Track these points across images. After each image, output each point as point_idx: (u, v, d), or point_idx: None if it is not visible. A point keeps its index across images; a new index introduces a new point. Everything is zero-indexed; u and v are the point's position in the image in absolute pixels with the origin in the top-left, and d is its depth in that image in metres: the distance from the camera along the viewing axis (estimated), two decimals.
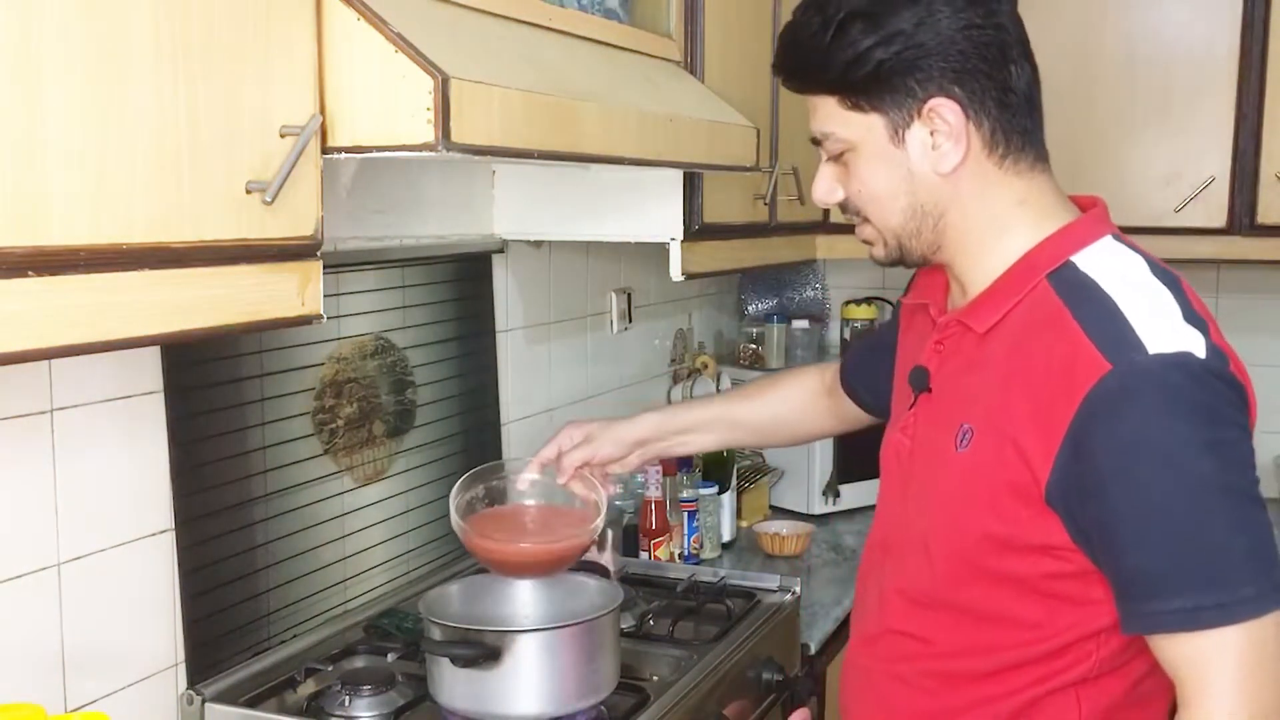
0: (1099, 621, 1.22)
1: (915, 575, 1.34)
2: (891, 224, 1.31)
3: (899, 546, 1.38)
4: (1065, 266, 1.25)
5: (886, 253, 1.34)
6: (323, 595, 1.88)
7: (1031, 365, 1.20)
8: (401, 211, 2.00)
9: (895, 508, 1.40)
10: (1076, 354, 1.16)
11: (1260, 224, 2.78)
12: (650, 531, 2.44)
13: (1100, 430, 1.13)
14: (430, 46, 1.24)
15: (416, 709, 1.65)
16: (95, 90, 1.02)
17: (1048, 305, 1.23)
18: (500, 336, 2.30)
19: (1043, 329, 1.21)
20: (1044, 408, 1.17)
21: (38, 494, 1.45)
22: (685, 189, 2.06)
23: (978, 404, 1.25)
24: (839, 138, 1.29)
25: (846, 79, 1.25)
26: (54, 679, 1.47)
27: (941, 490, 1.29)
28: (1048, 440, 1.16)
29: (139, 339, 1.09)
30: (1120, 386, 1.13)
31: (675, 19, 2.03)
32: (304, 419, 1.84)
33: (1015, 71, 1.25)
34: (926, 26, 1.22)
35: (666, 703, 1.69)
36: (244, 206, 1.17)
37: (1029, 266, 1.27)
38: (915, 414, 1.37)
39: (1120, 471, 1.13)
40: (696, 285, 3.13)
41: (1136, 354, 1.14)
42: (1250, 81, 2.77)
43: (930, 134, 1.25)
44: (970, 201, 1.28)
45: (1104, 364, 1.14)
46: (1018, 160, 1.28)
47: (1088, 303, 1.20)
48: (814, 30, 1.26)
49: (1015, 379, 1.21)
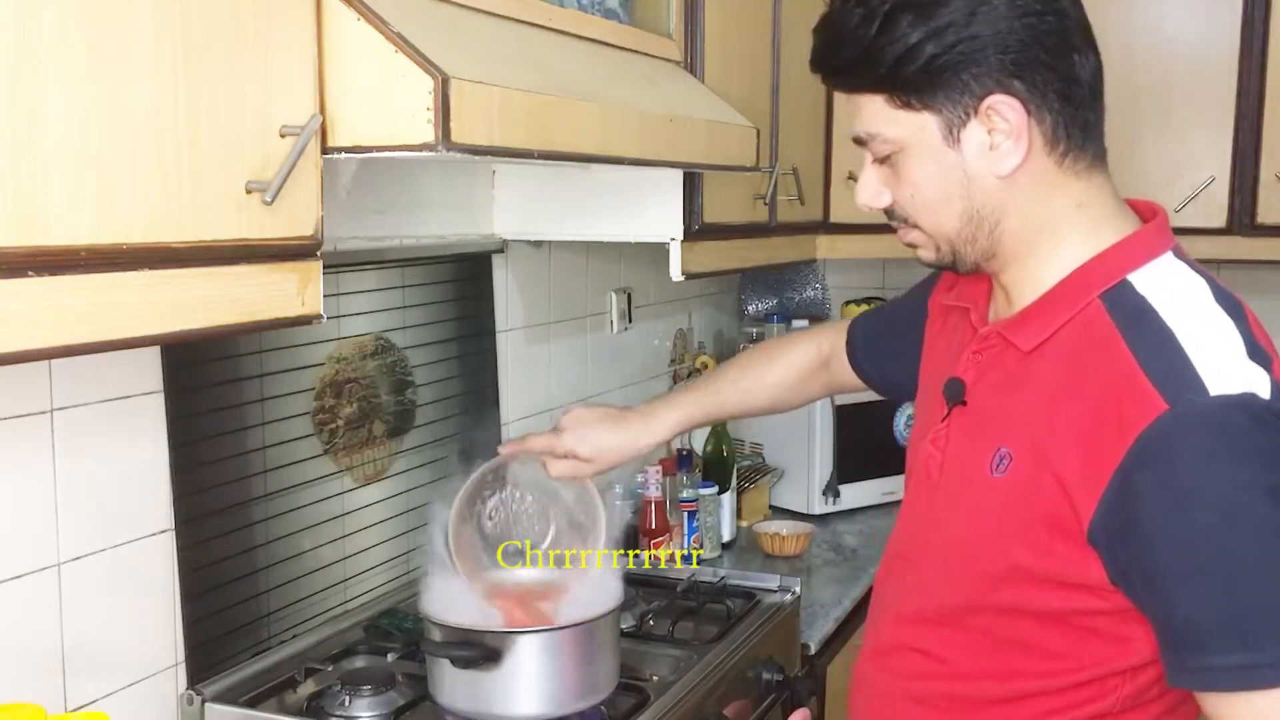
0: (1129, 659, 1.15)
1: (936, 592, 1.27)
2: (945, 230, 1.21)
3: (920, 561, 1.31)
4: (1121, 286, 1.16)
5: (938, 258, 1.25)
6: (323, 595, 1.88)
7: (1080, 394, 1.12)
8: (401, 211, 2.00)
9: (920, 521, 1.33)
10: (1130, 389, 1.08)
11: (1260, 224, 2.78)
12: (650, 531, 2.44)
13: (1153, 474, 1.05)
14: (430, 46, 1.24)
15: (416, 709, 1.65)
16: (95, 90, 1.02)
17: (1100, 329, 1.14)
18: (500, 336, 2.30)
19: (1094, 355, 1.13)
20: (1091, 442, 1.09)
21: (38, 494, 1.45)
22: (685, 189, 2.06)
23: (1018, 428, 1.17)
24: (887, 138, 1.19)
25: (896, 76, 1.15)
26: (54, 679, 1.47)
27: (972, 513, 1.22)
28: (1094, 477, 1.09)
29: (139, 339, 1.09)
30: (1177, 429, 1.05)
31: (675, 19, 2.03)
32: (304, 419, 1.84)
33: (1079, 60, 1.16)
34: (981, 16, 1.12)
35: (666, 703, 1.69)
36: (244, 206, 1.17)
37: (1082, 283, 1.18)
38: (948, 427, 1.29)
39: (1174, 518, 1.05)
40: (696, 285, 3.13)
41: (1196, 394, 1.05)
42: (1250, 81, 2.77)
43: (988, 133, 1.15)
44: (1028, 205, 1.18)
45: (1160, 403, 1.05)
46: (1078, 158, 1.19)
47: (1145, 331, 1.12)
48: (857, 23, 1.16)
49: (1061, 406, 1.13)
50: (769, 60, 2.42)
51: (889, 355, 1.59)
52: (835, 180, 2.81)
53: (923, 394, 1.42)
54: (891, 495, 3.03)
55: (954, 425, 1.28)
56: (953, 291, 1.38)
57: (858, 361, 1.70)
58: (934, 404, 1.33)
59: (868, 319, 1.73)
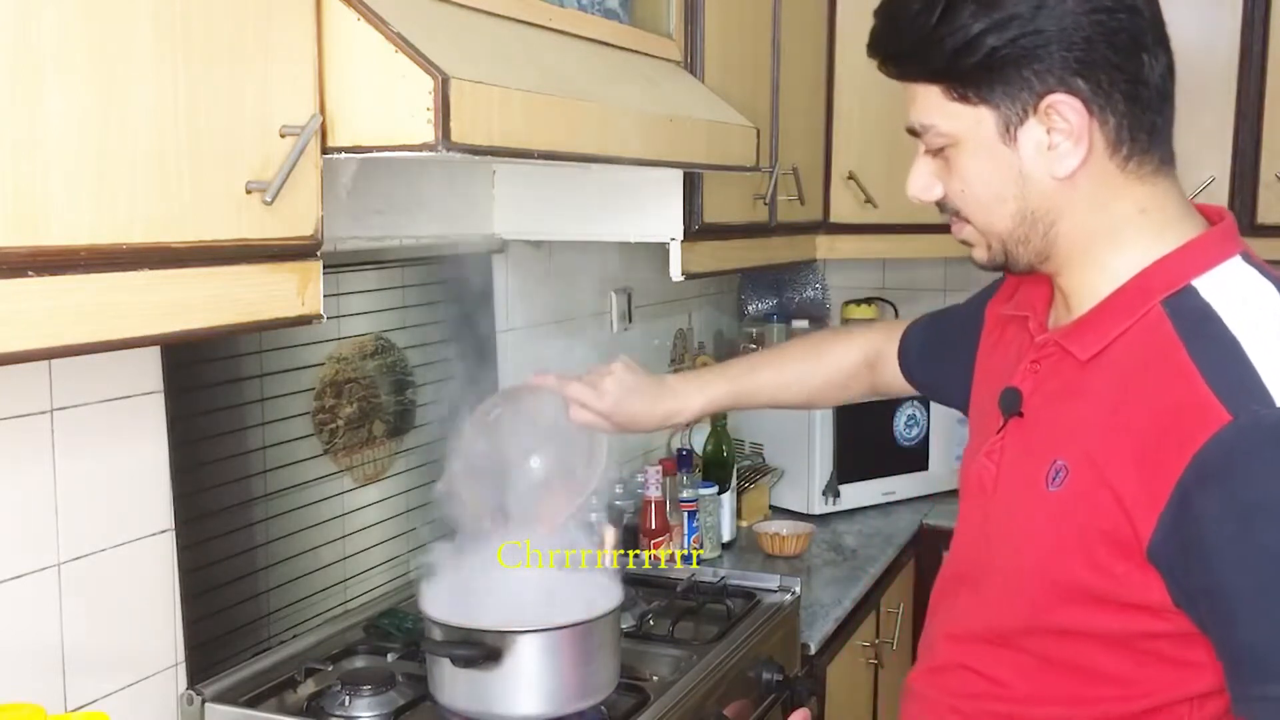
0: (1195, 685, 1.10)
1: (995, 613, 1.22)
2: (997, 229, 1.17)
3: (977, 580, 1.26)
4: (1185, 291, 1.11)
5: (990, 257, 1.20)
6: (323, 595, 1.88)
7: (1138, 405, 1.07)
8: (401, 211, 2.00)
9: (975, 538, 1.27)
10: (1190, 399, 1.03)
11: (1260, 224, 2.78)
12: (650, 531, 2.44)
13: (1214, 490, 1.00)
14: (430, 46, 1.24)
15: (416, 709, 1.65)
16: (95, 90, 1.02)
17: (1161, 337, 1.09)
18: (500, 336, 2.30)
19: (1154, 365, 1.08)
20: (1150, 456, 1.04)
21: (38, 494, 1.45)
22: (685, 189, 2.06)
23: (1075, 440, 1.12)
24: (941, 131, 1.15)
25: (954, 67, 1.11)
26: (54, 679, 1.47)
27: (1029, 529, 1.17)
28: (1153, 493, 1.03)
29: (139, 339, 1.09)
30: (1240, 442, 1.00)
31: (675, 19, 2.03)
32: (304, 419, 1.84)
33: (1149, 61, 1.12)
34: (1047, 10, 1.07)
35: (666, 703, 1.69)
36: (244, 206, 1.17)
37: (1143, 288, 1.13)
38: (1004, 439, 1.23)
39: (1236, 537, 1.00)
40: (696, 285, 3.13)
41: (1261, 406, 1.00)
42: (1250, 81, 2.77)
43: (1047, 132, 1.11)
44: (1087, 208, 1.14)
45: (1223, 414, 1.00)
46: (1142, 162, 1.15)
47: (1207, 339, 1.06)
48: (917, 10, 1.11)
49: (1119, 418, 1.08)
50: (769, 60, 2.42)
51: (942, 362, 1.54)
52: (835, 180, 2.81)
53: (976, 408, 1.36)
54: (891, 495, 3.03)
55: (1010, 437, 1.23)
56: (1012, 300, 1.33)
57: (909, 366, 1.65)
58: (989, 417, 1.28)
59: (924, 325, 1.66)
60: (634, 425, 1.70)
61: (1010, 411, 1.23)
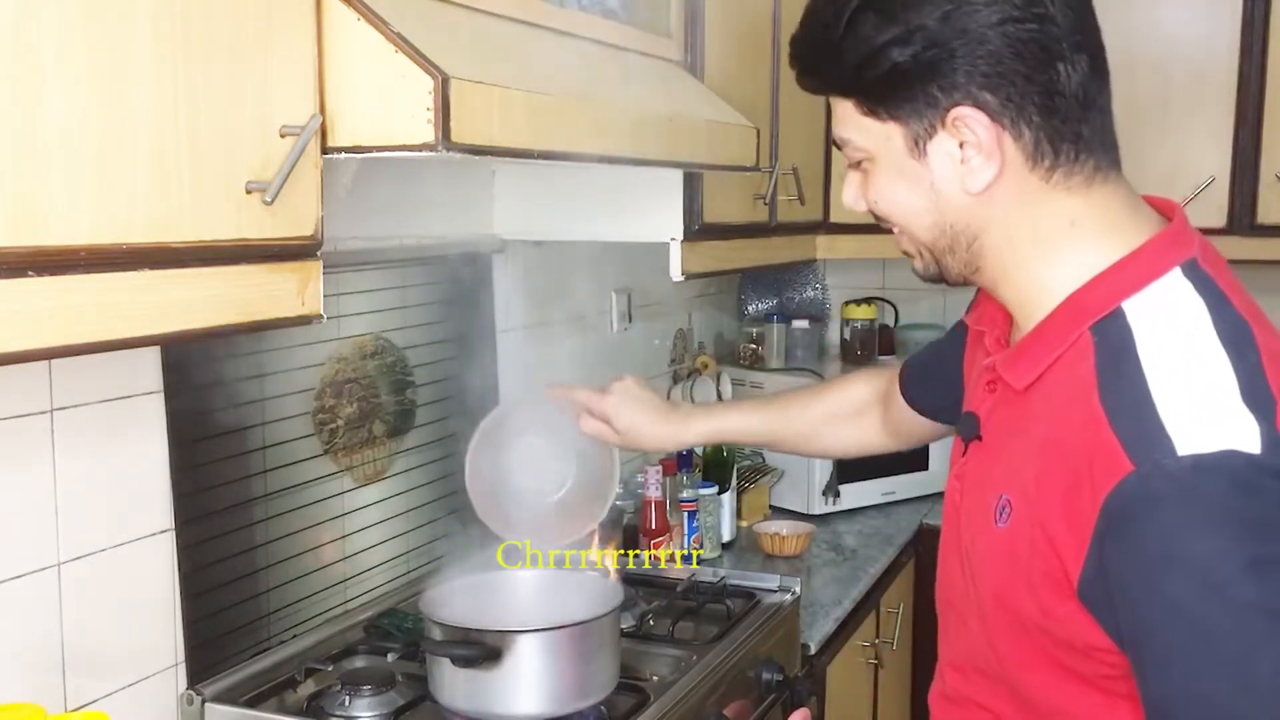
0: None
1: (976, 643, 1.18)
2: (922, 239, 1.15)
3: (960, 608, 1.22)
4: (1114, 316, 1.05)
5: (924, 267, 1.18)
6: (323, 595, 1.88)
7: (1060, 446, 1.03)
8: (401, 211, 2.00)
9: (952, 563, 1.23)
10: (1099, 445, 0.98)
11: (1260, 224, 2.79)
12: (650, 531, 2.44)
13: (1122, 541, 0.97)
14: (430, 46, 1.24)
15: (416, 709, 1.65)
16: (95, 90, 1.02)
17: (1083, 373, 1.04)
18: (500, 336, 2.30)
19: (1075, 404, 1.03)
20: (1072, 498, 1.00)
21: (38, 494, 1.45)
22: (685, 189, 2.06)
23: (1016, 476, 1.08)
24: (856, 145, 1.13)
25: (859, 81, 1.08)
26: (54, 679, 1.47)
27: (984, 564, 1.14)
28: (1078, 535, 1.00)
29: (139, 339, 1.09)
30: (1143, 494, 0.95)
31: (675, 19, 2.03)
32: (304, 419, 1.84)
33: (1065, 70, 1.06)
34: (952, 21, 1.03)
35: (666, 703, 1.69)
36: (244, 206, 1.17)
37: (1074, 312, 1.08)
38: (966, 464, 1.21)
39: (1145, 590, 0.96)
40: (696, 285, 3.13)
41: (1163, 456, 0.95)
42: (1250, 81, 2.77)
43: (960, 146, 1.07)
44: (1010, 223, 1.10)
45: (1126, 464, 0.96)
46: (1070, 173, 1.09)
47: (1118, 378, 1.01)
48: (826, 23, 1.09)
49: (1047, 458, 1.04)
50: (769, 60, 2.42)
51: (937, 382, 1.51)
52: (835, 180, 2.81)
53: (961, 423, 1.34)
54: (891, 495, 3.03)
55: (971, 462, 1.21)
56: (974, 314, 1.30)
57: (910, 393, 1.62)
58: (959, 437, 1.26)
59: (923, 350, 1.64)
60: (637, 436, 1.74)
61: (971, 435, 1.20)
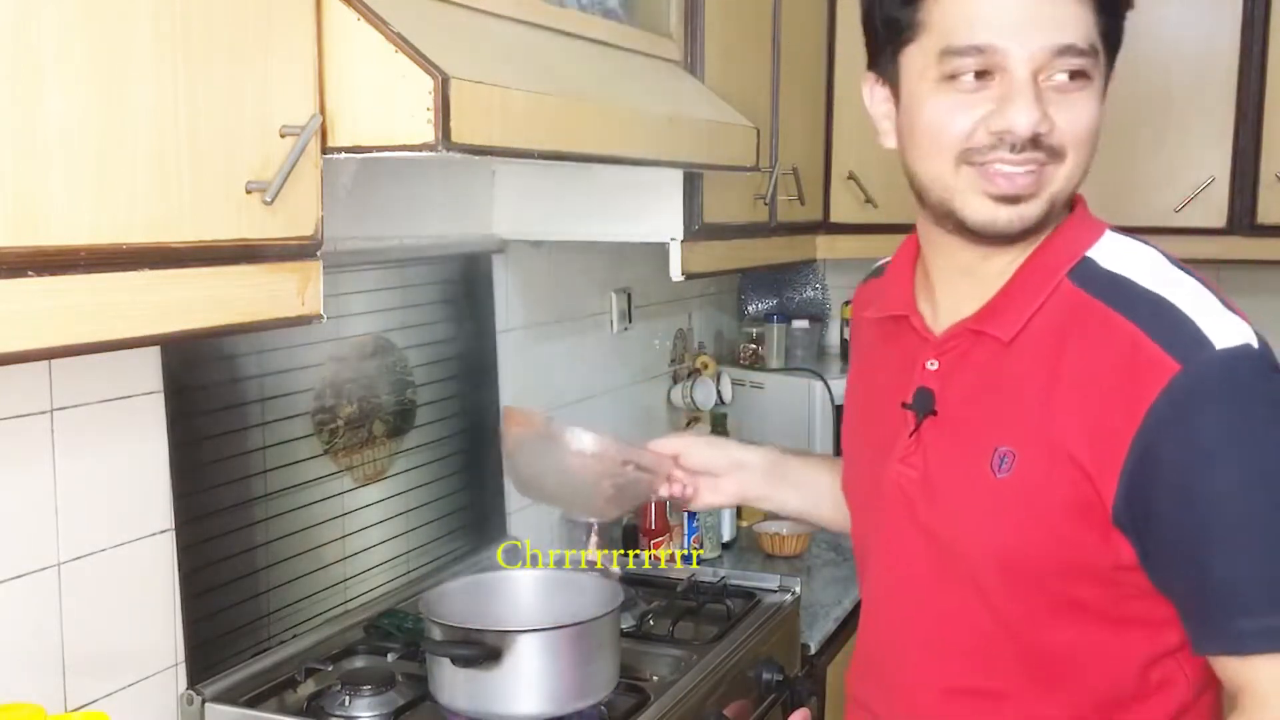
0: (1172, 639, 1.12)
1: (972, 620, 1.16)
2: (1078, 175, 1.11)
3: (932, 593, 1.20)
4: (1085, 263, 1.13)
5: (1042, 213, 1.11)
6: (323, 595, 1.88)
7: (1079, 373, 1.07)
8: (401, 211, 2.00)
9: (911, 551, 1.21)
10: (1136, 356, 1.04)
11: (1260, 224, 2.78)
12: (650, 531, 2.44)
13: (1176, 436, 1.02)
14: (430, 46, 1.24)
15: (416, 709, 1.65)
16: (95, 90, 1.02)
17: (1082, 306, 1.10)
18: (500, 336, 2.30)
19: (1085, 332, 1.08)
20: (1103, 420, 1.05)
21: (38, 494, 1.45)
22: (685, 189, 2.06)
23: (1015, 424, 1.11)
24: (1088, 58, 1.09)
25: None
26: (54, 679, 1.47)
27: (983, 521, 1.13)
28: (1111, 454, 1.04)
29: (139, 339, 1.09)
30: (1196, 387, 1.02)
31: (675, 19, 2.03)
32: (304, 419, 1.84)
33: None
34: None
35: (666, 703, 1.69)
36: (244, 206, 1.17)
37: (1045, 265, 1.13)
38: (919, 440, 1.20)
39: (1203, 479, 1.02)
40: (696, 285, 3.13)
41: (1205, 350, 1.03)
42: (1250, 81, 2.77)
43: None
44: None
45: (1172, 364, 1.02)
46: None
47: (1133, 299, 1.08)
48: None
49: (1060, 390, 1.08)
50: (769, 60, 2.42)
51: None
52: (835, 180, 2.81)
53: (867, 415, 1.31)
54: None
55: (928, 437, 1.19)
56: (878, 303, 1.30)
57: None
58: (887, 422, 1.24)
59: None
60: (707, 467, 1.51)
61: (926, 411, 1.19)
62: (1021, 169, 1.08)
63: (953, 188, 1.11)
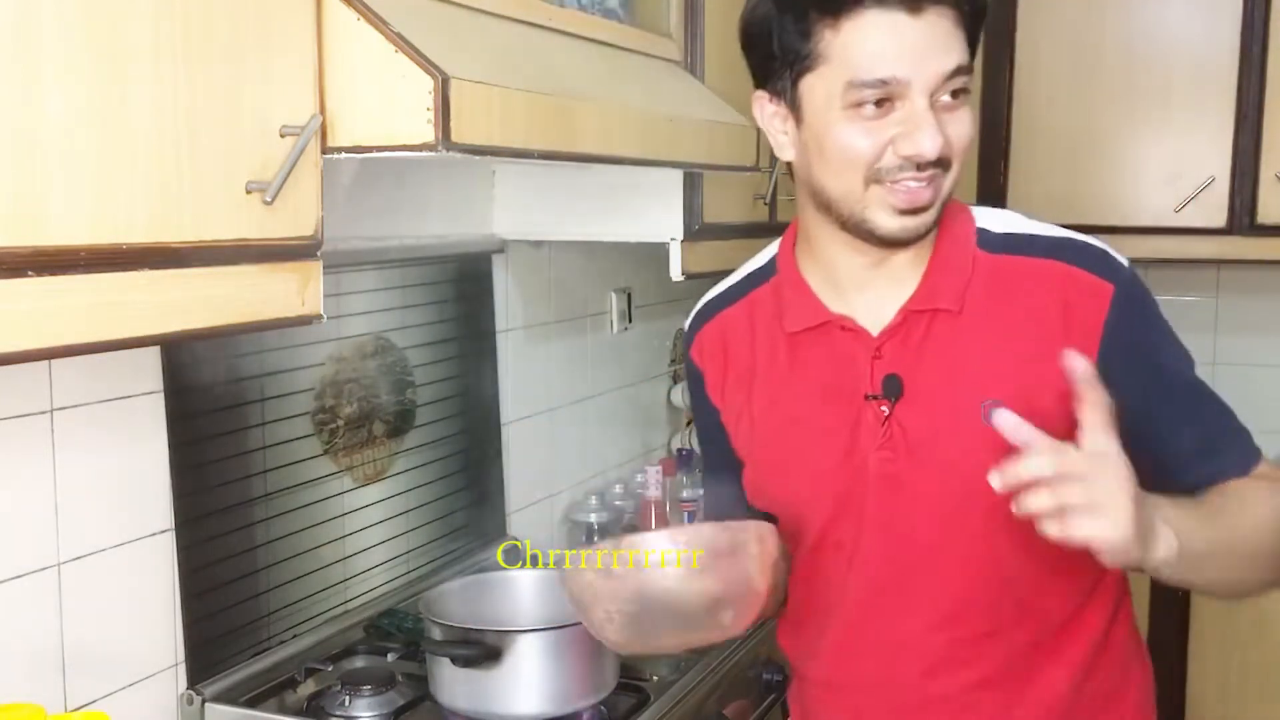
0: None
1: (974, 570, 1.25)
2: (957, 178, 1.22)
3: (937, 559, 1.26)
4: (982, 234, 1.27)
5: (937, 216, 1.22)
6: (323, 595, 1.88)
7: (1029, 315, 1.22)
8: (401, 211, 2.00)
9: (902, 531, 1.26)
10: (1076, 286, 1.21)
11: (1260, 224, 2.78)
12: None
13: (1131, 339, 1.21)
14: (430, 46, 1.24)
15: (416, 709, 1.65)
16: (95, 90, 1.02)
17: (1004, 265, 1.25)
18: (500, 336, 2.30)
19: (1020, 283, 1.24)
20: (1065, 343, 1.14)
21: (38, 494, 1.45)
22: (685, 189, 2.06)
23: (992, 377, 1.21)
24: (966, 74, 1.18)
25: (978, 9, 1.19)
26: (54, 679, 1.48)
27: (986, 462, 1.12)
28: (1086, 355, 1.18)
29: (139, 339, 1.09)
30: (1129, 300, 1.22)
31: (675, 19, 2.03)
32: (304, 419, 1.84)
33: None
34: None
35: (666, 703, 1.69)
36: (244, 206, 1.17)
37: (956, 242, 1.26)
38: (893, 425, 1.24)
39: (1165, 358, 1.25)
40: (696, 285, 3.13)
41: (1122, 269, 1.23)
42: (1250, 81, 2.77)
43: None
44: None
45: (1107, 285, 1.21)
46: None
47: (1045, 245, 1.25)
48: None
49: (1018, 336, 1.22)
50: None
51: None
52: None
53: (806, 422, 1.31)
54: None
55: (902, 417, 1.24)
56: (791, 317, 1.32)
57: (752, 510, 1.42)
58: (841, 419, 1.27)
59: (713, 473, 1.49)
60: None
61: (896, 397, 1.25)
62: (924, 184, 1.19)
63: (863, 202, 1.20)
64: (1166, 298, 1.42)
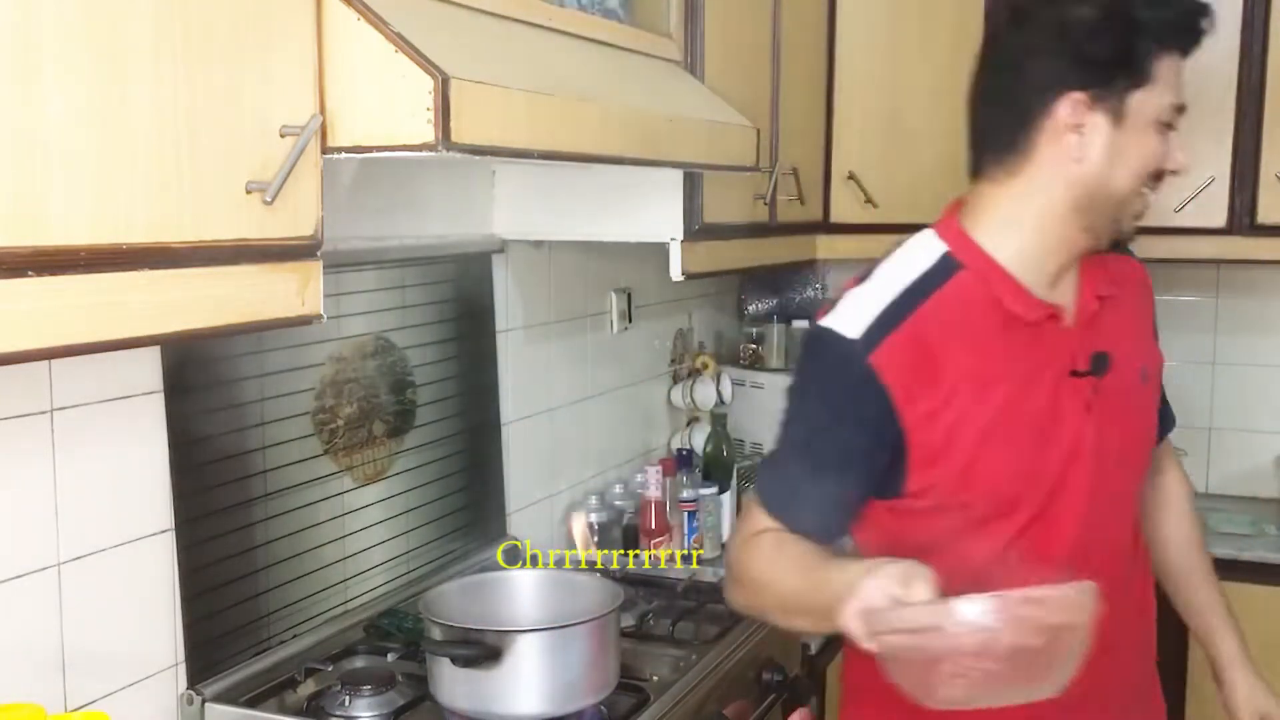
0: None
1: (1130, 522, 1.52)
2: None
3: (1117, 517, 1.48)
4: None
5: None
6: (323, 595, 1.88)
7: (1128, 295, 1.51)
8: (401, 211, 2.00)
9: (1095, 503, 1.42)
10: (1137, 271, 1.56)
11: (1260, 224, 2.78)
12: (650, 531, 2.44)
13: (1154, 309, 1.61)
14: (430, 46, 1.24)
15: (416, 709, 1.65)
16: (95, 90, 1.02)
17: (1104, 258, 1.47)
18: (500, 336, 2.30)
19: (1119, 270, 1.50)
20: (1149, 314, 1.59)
21: (38, 494, 1.45)
22: (685, 189, 2.06)
23: (1135, 346, 1.50)
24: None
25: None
26: (54, 679, 1.48)
27: (1149, 425, 1.56)
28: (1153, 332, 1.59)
29: (139, 339, 1.09)
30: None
31: (675, 19, 2.03)
32: (304, 419, 1.84)
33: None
34: None
35: (666, 703, 1.69)
36: (244, 206, 1.17)
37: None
38: (1096, 400, 1.42)
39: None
40: (696, 285, 3.13)
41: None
42: (1250, 81, 2.77)
43: None
44: None
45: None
46: None
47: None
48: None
49: (1140, 309, 1.55)
50: (769, 60, 2.42)
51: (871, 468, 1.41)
52: (835, 180, 2.81)
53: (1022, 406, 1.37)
54: None
55: (1103, 391, 1.43)
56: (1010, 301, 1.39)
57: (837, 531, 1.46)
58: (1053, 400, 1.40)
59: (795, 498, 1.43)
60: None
61: (1104, 371, 1.43)
62: (1146, 196, 1.45)
63: (1129, 204, 1.42)
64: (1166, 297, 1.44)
